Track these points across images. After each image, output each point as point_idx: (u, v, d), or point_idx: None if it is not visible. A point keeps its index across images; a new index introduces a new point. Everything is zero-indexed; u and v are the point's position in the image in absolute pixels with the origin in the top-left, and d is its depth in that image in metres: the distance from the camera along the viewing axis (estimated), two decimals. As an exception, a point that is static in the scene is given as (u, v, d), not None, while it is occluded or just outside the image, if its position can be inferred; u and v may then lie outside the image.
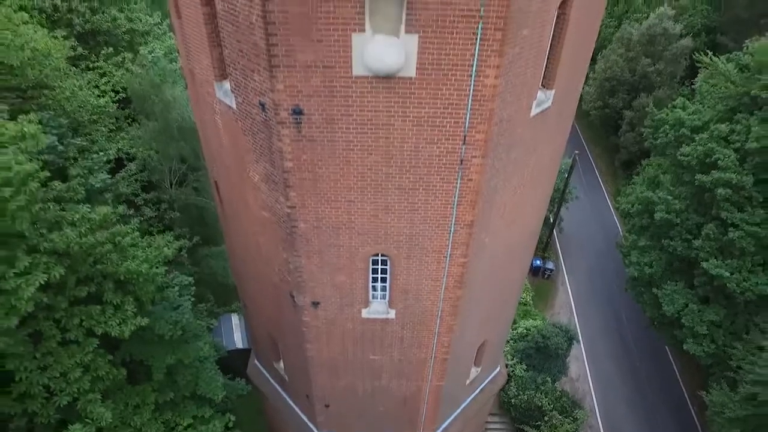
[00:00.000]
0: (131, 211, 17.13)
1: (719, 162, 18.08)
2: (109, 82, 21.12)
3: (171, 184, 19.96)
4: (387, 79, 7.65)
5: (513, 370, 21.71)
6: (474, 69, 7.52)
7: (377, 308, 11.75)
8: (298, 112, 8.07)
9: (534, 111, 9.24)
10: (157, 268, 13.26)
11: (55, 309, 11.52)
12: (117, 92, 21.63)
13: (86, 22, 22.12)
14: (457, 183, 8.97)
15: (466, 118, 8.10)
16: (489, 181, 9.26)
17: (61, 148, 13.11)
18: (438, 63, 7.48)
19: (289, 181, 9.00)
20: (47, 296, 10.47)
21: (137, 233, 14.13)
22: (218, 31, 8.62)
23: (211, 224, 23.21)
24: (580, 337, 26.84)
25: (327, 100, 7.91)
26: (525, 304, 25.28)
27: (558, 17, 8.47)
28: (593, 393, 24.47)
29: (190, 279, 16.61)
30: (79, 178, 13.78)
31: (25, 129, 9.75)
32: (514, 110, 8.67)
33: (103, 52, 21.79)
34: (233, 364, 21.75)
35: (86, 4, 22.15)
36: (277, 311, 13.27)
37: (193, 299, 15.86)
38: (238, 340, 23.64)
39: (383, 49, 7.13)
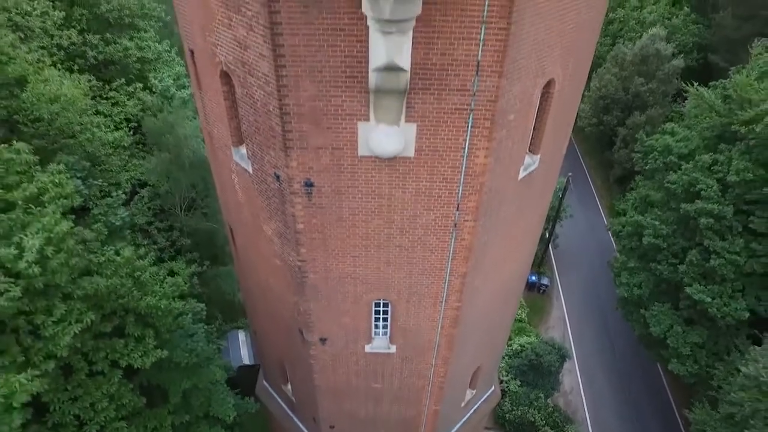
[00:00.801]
0: (146, 242, 18.14)
1: (702, 192, 19.09)
2: (122, 111, 22.14)
3: (181, 209, 20.97)
4: (389, 159, 8.66)
5: (508, 386, 22.75)
6: (466, 151, 8.52)
7: (379, 344, 12.78)
8: (309, 184, 9.07)
9: (521, 174, 10.24)
10: (174, 302, 14.27)
11: (83, 344, 12.54)
12: (129, 120, 22.72)
13: (100, 53, 23.11)
14: (451, 242, 9.98)
15: (459, 190, 9.10)
16: (480, 237, 10.26)
17: (85, 191, 14.10)
18: (434, 146, 8.48)
19: (300, 240, 10.00)
20: (78, 337, 11.43)
21: (154, 267, 15.17)
22: (236, 107, 9.61)
23: (219, 245, 24.23)
24: (574, 352, 27.89)
25: (335, 175, 8.91)
26: (520, 321, 26.32)
27: (542, 96, 9.46)
28: (585, 406, 25.50)
29: (202, 306, 17.61)
30: (101, 217, 14.83)
31: (63, 190, 10.73)
32: (503, 179, 9.66)
33: (115, 83, 22.77)
34: (240, 379, 22.79)
35: (99, 36, 23.13)
36: (287, 342, 14.29)
37: (205, 327, 16.85)
38: (245, 356, 24.67)
39: (385, 138, 8.12)
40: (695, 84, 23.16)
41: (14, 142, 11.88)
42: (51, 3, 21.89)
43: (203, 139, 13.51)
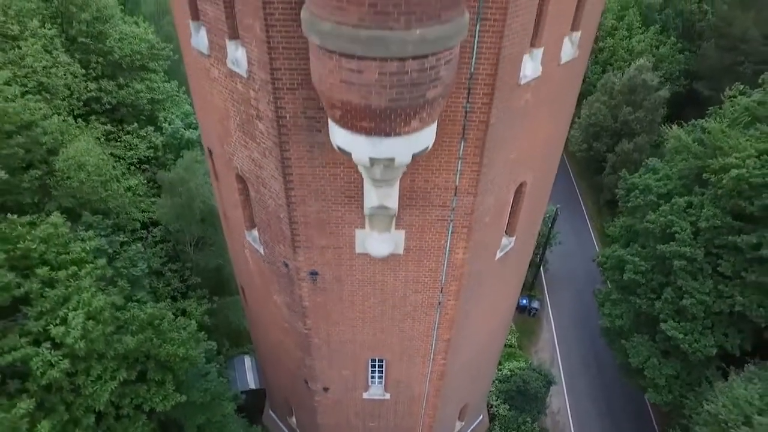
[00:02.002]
0: (160, 284, 19.66)
1: (677, 235, 20.57)
2: (135, 155, 23.64)
3: (191, 247, 22.47)
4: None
5: (497, 410, 24.27)
6: (447, 249, 10.04)
7: (375, 391, 14.32)
8: (314, 273, 10.59)
9: (499, 255, 11.75)
10: (192, 349, 15.78)
11: (112, 393, 14.08)
12: (142, 162, 24.24)
13: (114, 98, 24.59)
14: (436, 316, 11.50)
15: (442, 278, 10.61)
16: (462, 311, 11.78)
17: (108, 249, 15.62)
18: (420, 246, 9.99)
19: (306, 313, 11.53)
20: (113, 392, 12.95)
21: (171, 314, 16.70)
22: (250, 202, 11.11)
23: (226, 277, 25.71)
24: (562, 373, 29.37)
25: (336, 267, 10.42)
26: (510, 346, 27.81)
27: (516, 192, 10.95)
28: (572, 427, 27.00)
29: (213, 344, 19.14)
30: (123, 270, 16.35)
31: (100, 270, 12.27)
32: (482, 262, 11.17)
33: (129, 128, 24.25)
34: (247, 404, 24.30)
35: (114, 82, 24.61)
36: (292, 386, 15.84)
37: (217, 366, 18.38)
38: (251, 381, 26.12)
39: (378, 243, 9.62)
40: (674, 126, 24.61)
41: (52, 214, 13.46)
42: (69, 53, 23.44)
43: (213, 192, 15.01)
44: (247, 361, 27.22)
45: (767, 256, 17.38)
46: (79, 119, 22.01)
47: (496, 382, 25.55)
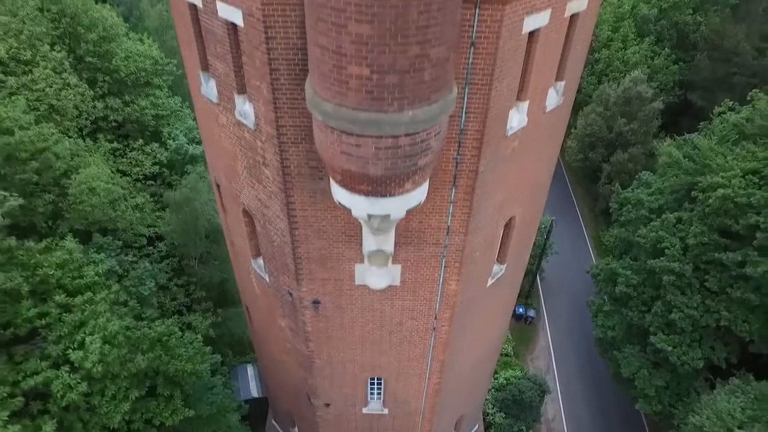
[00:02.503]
0: (167, 299, 20.37)
1: (666, 251, 21.26)
2: (141, 171, 24.33)
3: (196, 261, 23.18)
4: (380, 286, 10.86)
5: (493, 419, 24.99)
6: (441, 282, 10.72)
7: (374, 407, 15.01)
8: (316, 302, 11.28)
9: (490, 282, 12.43)
10: (199, 364, 16.48)
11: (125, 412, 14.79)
12: (147, 177, 24.94)
13: (119, 115, 25.25)
14: (431, 340, 12.19)
15: (436, 306, 11.30)
16: (455, 333, 12.46)
17: (118, 269, 16.31)
18: (415, 279, 10.68)
19: (309, 337, 12.22)
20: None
21: (178, 330, 17.40)
22: (256, 234, 11.79)
23: (228, 289, 26.40)
24: (557, 380, 30.10)
25: (337, 296, 11.11)
26: (506, 355, 28.54)
27: (505, 226, 11.63)
28: (566, 433, 27.79)
29: (218, 357, 19.84)
30: (132, 289, 17.05)
31: (114, 295, 12.97)
32: (474, 290, 11.86)
33: (135, 144, 24.93)
34: (250, 412, 24.99)
35: (120, 100, 25.28)
36: (295, 400, 16.53)
37: (223, 379, 19.08)
38: (254, 390, 26.83)
39: (376, 277, 10.30)
40: (666, 139, 25.28)
41: (66, 239, 14.15)
42: (76, 71, 24.11)
43: (217, 210, 15.68)
44: (250, 370, 27.91)
45: (750, 274, 18.05)
46: (87, 138, 22.74)
47: (492, 390, 26.27)
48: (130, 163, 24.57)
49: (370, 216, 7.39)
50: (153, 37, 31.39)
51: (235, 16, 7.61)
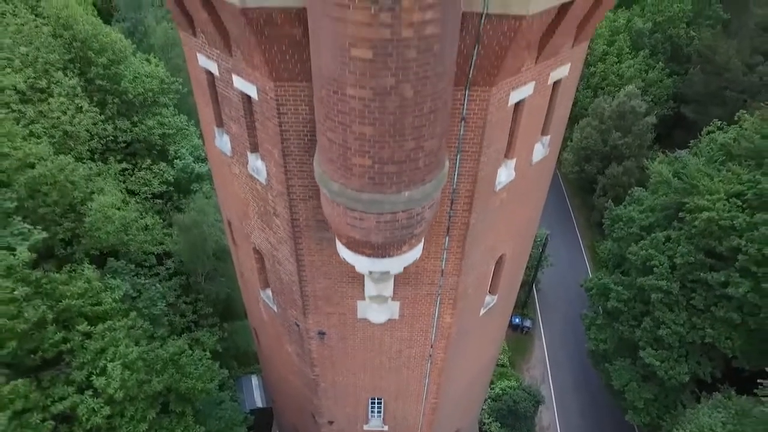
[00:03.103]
0: (176, 317, 21.26)
1: (655, 269, 22.14)
2: (149, 190, 25.22)
3: (203, 279, 24.09)
4: (380, 319, 11.74)
5: (489, 428, 25.91)
6: (436, 316, 11.61)
7: (375, 423, 15.92)
8: (321, 333, 12.17)
9: (482, 312, 13.32)
10: (210, 383, 17.38)
11: None
12: (155, 196, 25.84)
13: (128, 135, 26.12)
14: (427, 366, 13.08)
15: (432, 337, 12.19)
16: (450, 359, 13.35)
17: (134, 293, 17.21)
18: (413, 313, 11.57)
19: (314, 363, 13.12)
20: None
21: (188, 347, 18.30)
22: (265, 269, 12.66)
23: (234, 303, 27.29)
24: (552, 389, 31.01)
25: (341, 328, 12.00)
26: (503, 366, 29.45)
27: (496, 263, 12.50)
28: (561, 442, 28.69)
29: (226, 372, 20.75)
30: (145, 310, 17.94)
31: (131, 321, 13.87)
32: (467, 320, 12.74)
33: (143, 165, 25.82)
34: (255, 421, 25.91)
35: (128, 121, 26.15)
36: (300, 416, 17.43)
37: (231, 393, 19.98)
38: (258, 400, 27.77)
39: (377, 313, 11.18)
40: (658, 155, 26.14)
41: (84, 267, 15.04)
42: (86, 93, 24.99)
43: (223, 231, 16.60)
44: (255, 380, 28.84)
45: (732, 294, 18.93)
46: (99, 161, 23.62)
47: (489, 400, 27.18)
48: (139, 182, 25.48)
49: (371, 271, 8.28)
50: (158, 55, 32.28)
51: (250, 89, 8.49)
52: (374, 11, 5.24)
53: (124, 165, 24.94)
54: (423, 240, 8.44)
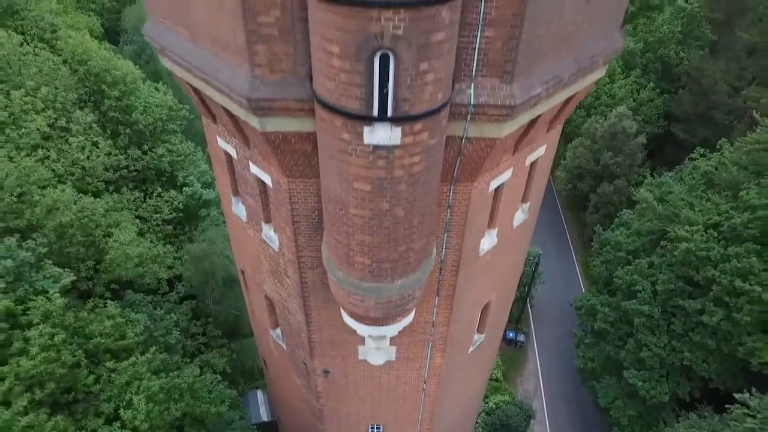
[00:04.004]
0: (188, 341, 22.66)
1: (638, 294, 23.52)
2: (160, 217, 26.58)
3: (213, 302, 25.47)
4: (378, 361, 13.12)
5: (483, 441, 27.37)
6: (428, 357, 12.98)
7: (374, 446, 17.34)
8: (326, 371, 13.54)
9: (471, 349, 14.69)
10: (221, 406, 18.76)
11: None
12: (166, 222, 27.20)
13: (140, 164, 27.46)
14: (421, 398, 14.46)
15: (425, 374, 13.56)
16: (442, 390, 14.73)
17: (150, 325, 18.60)
18: (407, 356, 12.94)
19: (320, 395, 14.50)
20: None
21: (201, 374, 19.69)
22: (275, 311, 14.02)
23: (241, 321, 28.66)
24: (544, 402, 32.43)
25: (344, 367, 13.37)
26: (496, 381, 30.86)
27: (483, 308, 13.86)
28: (552, 453, 30.12)
29: (235, 393, 22.16)
30: (160, 338, 19.33)
31: (151, 355, 15.25)
32: (457, 357, 14.10)
33: (153, 190, 27.18)
34: (261, 436, 27.32)
35: (139, 150, 27.49)
36: (305, 437, 18.83)
37: (240, 413, 21.38)
38: (263, 414, 29.16)
39: (376, 356, 12.56)
40: (640, 190, 27.56)
41: (107, 303, 16.42)
42: (100, 124, 26.32)
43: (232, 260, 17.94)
44: (260, 395, 30.23)
45: (706, 322, 20.31)
46: (114, 192, 24.98)
47: (483, 414, 28.61)
48: (150, 209, 26.84)
49: (370, 335, 9.65)
50: (166, 81, 33.59)
51: (265, 177, 9.83)
52: (372, 159, 6.60)
53: (136, 193, 26.32)
54: (414, 310, 9.80)
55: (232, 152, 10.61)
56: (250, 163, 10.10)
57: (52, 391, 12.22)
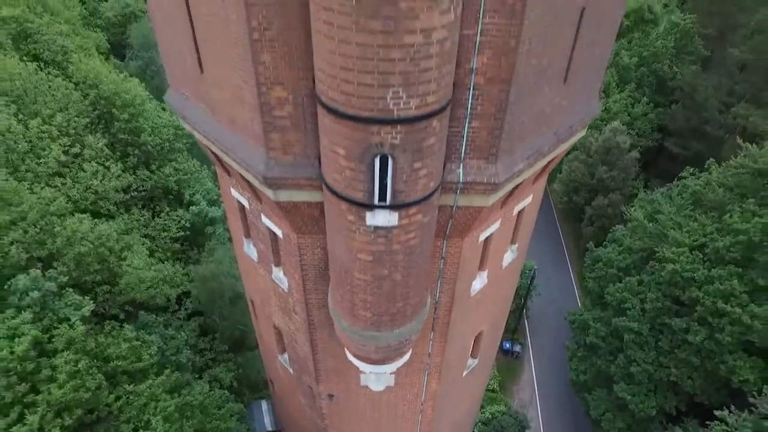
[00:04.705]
0: (196, 357, 23.69)
1: (628, 312, 24.54)
2: (168, 236, 27.58)
3: (220, 318, 26.50)
4: (379, 387, 14.15)
5: (480, 451, 28.40)
6: (425, 383, 14.00)
7: (375, 461, 18.35)
8: (331, 395, 14.57)
9: (465, 373, 15.71)
10: (230, 422, 19.79)
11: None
12: (174, 240, 28.21)
13: (148, 184, 28.45)
14: (419, 418, 15.49)
15: (422, 397, 14.59)
16: (438, 411, 15.76)
17: (163, 346, 19.63)
18: (405, 382, 13.95)
19: (324, 416, 15.53)
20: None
21: (211, 390, 20.73)
22: (283, 340, 15.03)
23: (246, 335, 29.67)
24: (539, 411, 33.47)
25: (347, 392, 14.38)
26: (492, 391, 31.89)
27: (476, 337, 14.87)
28: (547, 462, 31.16)
29: (241, 406, 23.19)
30: (172, 357, 20.35)
31: (165, 377, 16.27)
32: (451, 382, 15.13)
33: (161, 208, 28.19)
34: (265, 445, 28.36)
35: (148, 170, 28.47)
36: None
37: (247, 426, 22.44)
38: (268, 424, 30.19)
39: (376, 383, 13.57)
40: (632, 208, 28.60)
41: (124, 327, 17.45)
42: (110, 146, 27.31)
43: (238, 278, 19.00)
44: (264, 405, 31.22)
45: (691, 341, 21.33)
46: (124, 211, 25.99)
47: (479, 424, 29.65)
48: (158, 227, 27.84)
49: (371, 371, 10.67)
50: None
51: (276, 229, 10.85)
52: (373, 237, 7.61)
53: (144, 214, 27.32)
54: (411, 350, 10.82)
55: (245, 203, 11.60)
56: (262, 215, 11.09)
57: (78, 417, 13.24)
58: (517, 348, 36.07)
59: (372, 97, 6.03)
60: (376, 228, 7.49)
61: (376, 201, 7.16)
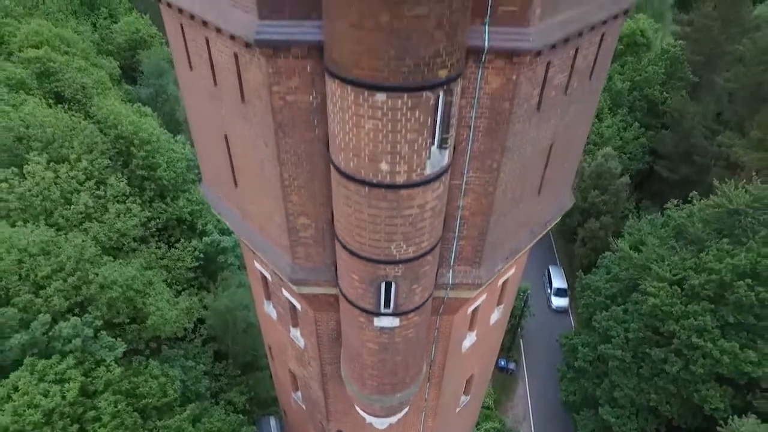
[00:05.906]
0: (213, 384, 25.57)
1: (613, 339, 26.38)
2: (183, 266, 29.42)
3: (232, 343, 28.38)
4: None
5: (475, 466, 30.28)
6: (423, 422, 15.85)
7: (378, 484, 20.23)
8: (339, 431, 16.45)
9: (458, 409, 17.56)
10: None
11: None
12: (189, 269, 30.06)
13: (163, 216, 30.27)
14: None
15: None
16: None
17: (186, 380, 21.50)
18: (405, 422, 15.76)
19: (332, 449, 17.41)
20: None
21: (227, 414, 22.61)
22: (296, 381, 16.88)
23: (257, 359, 31.50)
24: (532, 427, 35.35)
25: (354, 428, 16.22)
26: (487, 408, 33.74)
27: (467, 380, 16.71)
28: (539, 476, 33.04)
29: (254, 429, 25.08)
30: (191, 386, 22.23)
31: (189, 412, 18.17)
32: (447, 417, 16.97)
33: (176, 238, 30.05)
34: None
35: (163, 203, 30.30)
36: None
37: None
38: (276, 440, 32.16)
39: (380, 423, 15.43)
40: (618, 240, 30.44)
41: (149, 362, 19.33)
42: (128, 181, 29.12)
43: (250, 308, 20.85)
44: (272, 422, 33.15)
45: (668, 370, 23.17)
46: (142, 244, 27.84)
47: (475, 440, 31.52)
48: (174, 258, 29.68)
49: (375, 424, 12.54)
50: (183, 127, 36.41)
51: (295, 302, 12.68)
52: (379, 333, 9.46)
53: (161, 245, 29.16)
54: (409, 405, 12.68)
55: (267, 275, 13.44)
56: (283, 289, 12.94)
57: (118, 452, 15.16)
58: (512, 365, 37.89)
59: (379, 247, 7.87)
60: (382, 327, 9.34)
61: (381, 310, 9.00)
